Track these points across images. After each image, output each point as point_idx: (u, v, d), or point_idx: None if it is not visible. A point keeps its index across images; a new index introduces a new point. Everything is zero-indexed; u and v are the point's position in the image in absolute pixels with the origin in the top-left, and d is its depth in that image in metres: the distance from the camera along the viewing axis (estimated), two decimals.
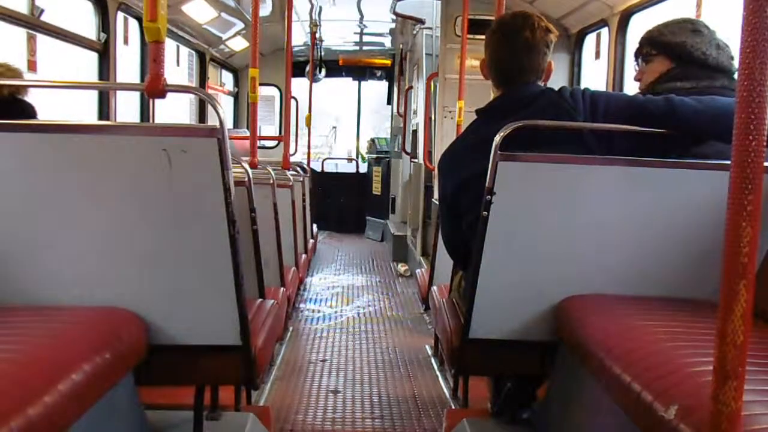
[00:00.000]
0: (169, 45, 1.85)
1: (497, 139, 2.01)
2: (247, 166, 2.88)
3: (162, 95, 1.88)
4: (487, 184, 2.05)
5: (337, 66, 11.04)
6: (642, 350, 1.57)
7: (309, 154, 9.94)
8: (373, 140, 12.06)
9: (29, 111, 2.09)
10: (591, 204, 2.09)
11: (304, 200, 6.24)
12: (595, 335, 1.79)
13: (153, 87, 1.87)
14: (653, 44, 2.33)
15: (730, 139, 0.93)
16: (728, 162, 0.94)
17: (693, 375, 1.35)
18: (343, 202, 11.52)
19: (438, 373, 4.13)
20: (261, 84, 4.65)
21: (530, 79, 2.34)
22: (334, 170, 11.96)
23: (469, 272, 2.27)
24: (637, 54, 2.40)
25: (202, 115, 7.86)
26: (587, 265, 2.13)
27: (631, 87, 4.42)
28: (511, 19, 2.40)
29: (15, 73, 2.04)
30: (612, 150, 2.11)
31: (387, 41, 10.25)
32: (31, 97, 2.11)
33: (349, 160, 13.28)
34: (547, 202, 2.09)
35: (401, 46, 10.19)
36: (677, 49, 2.26)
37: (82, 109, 4.85)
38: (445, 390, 3.81)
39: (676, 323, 1.75)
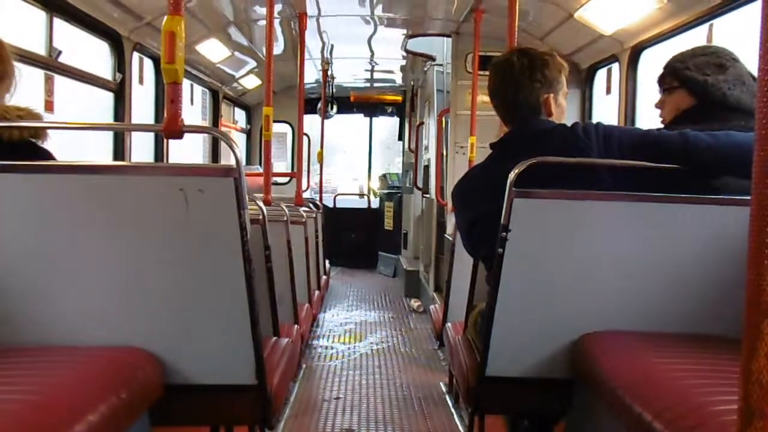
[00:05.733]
0: (184, 84, 1.88)
1: (512, 176, 2.01)
2: (261, 203, 2.90)
3: (180, 136, 1.90)
4: (502, 221, 2.05)
5: (348, 102, 11.10)
6: (662, 388, 1.55)
7: (321, 189, 9.96)
8: (384, 175, 12.09)
9: (45, 157, 2.11)
10: (608, 240, 2.08)
11: (317, 236, 6.25)
12: (614, 372, 1.76)
13: (171, 128, 1.89)
14: (675, 76, 2.30)
15: (745, 174, 0.92)
16: (747, 197, 0.93)
17: (716, 414, 1.33)
18: (355, 238, 11.50)
19: (453, 410, 4.09)
20: (273, 121, 4.69)
21: (527, 115, 2.36)
22: (346, 206, 11.98)
23: (486, 310, 2.26)
24: (660, 82, 2.36)
25: (215, 152, 7.92)
26: (605, 302, 2.11)
27: (644, 122, 4.44)
28: (499, 57, 2.46)
29: (36, 118, 2.07)
30: (626, 186, 2.10)
31: (398, 78, 10.33)
32: (50, 141, 2.13)
33: (361, 195, 13.31)
34: (563, 238, 2.08)
35: (412, 82, 10.28)
36: (697, 88, 2.23)
37: (97, 146, 4.90)
38: (461, 428, 3.77)
39: (697, 360, 1.73)
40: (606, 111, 5.27)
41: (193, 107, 7.16)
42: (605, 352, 1.91)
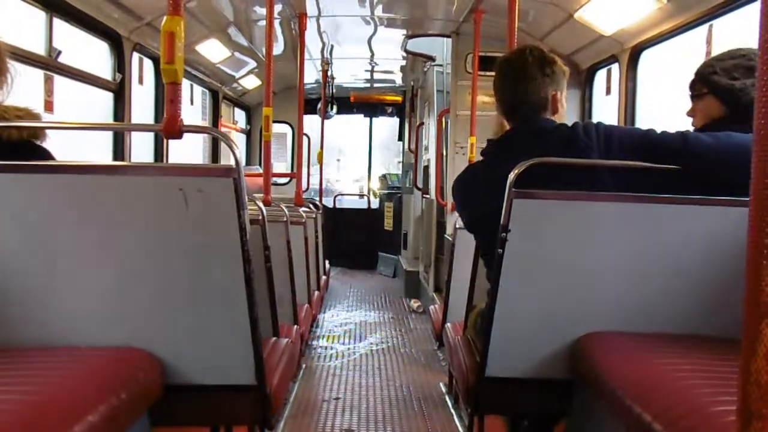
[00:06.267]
0: (184, 84, 1.87)
1: (511, 176, 2.01)
2: (261, 204, 2.90)
3: (179, 136, 1.90)
4: (501, 221, 2.04)
5: (348, 103, 11.09)
6: (662, 389, 1.55)
7: (321, 190, 9.95)
8: (384, 176, 12.09)
9: (44, 157, 2.11)
10: (608, 241, 2.08)
11: (317, 237, 6.24)
12: (614, 373, 1.76)
13: (170, 128, 1.89)
14: (703, 81, 2.25)
15: (745, 174, 0.91)
16: (746, 198, 0.93)
17: (715, 415, 1.33)
18: (355, 238, 11.51)
19: (453, 411, 4.09)
20: (273, 121, 4.69)
21: (535, 111, 2.35)
22: (346, 206, 11.98)
23: (485, 310, 2.26)
24: (690, 88, 2.31)
25: (215, 152, 7.92)
26: (605, 302, 2.11)
27: (643, 122, 4.44)
28: (508, 53, 2.47)
29: (35, 118, 2.07)
30: (627, 186, 2.10)
31: (398, 78, 10.33)
32: (49, 140, 2.13)
33: (361, 195, 13.31)
34: (563, 238, 2.08)
35: (412, 83, 10.27)
36: (724, 93, 2.18)
37: (96, 146, 4.90)
38: (461, 429, 3.77)
39: (697, 361, 1.73)
40: (606, 111, 5.27)
41: (193, 107, 7.16)
42: (605, 353, 1.91)
